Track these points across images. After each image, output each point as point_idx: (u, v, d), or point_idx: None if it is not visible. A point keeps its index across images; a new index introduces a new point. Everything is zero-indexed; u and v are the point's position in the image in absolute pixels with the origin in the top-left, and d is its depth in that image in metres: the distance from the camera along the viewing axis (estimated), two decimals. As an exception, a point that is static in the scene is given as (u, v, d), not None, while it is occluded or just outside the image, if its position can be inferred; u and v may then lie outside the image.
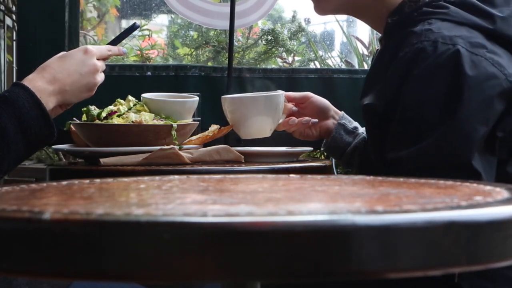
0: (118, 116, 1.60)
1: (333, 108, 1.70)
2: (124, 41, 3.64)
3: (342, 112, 1.70)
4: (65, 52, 1.46)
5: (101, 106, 1.61)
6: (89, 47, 1.45)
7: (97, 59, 1.45)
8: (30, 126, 1.28)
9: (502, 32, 1.31)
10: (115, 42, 1.60)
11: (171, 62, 3.20)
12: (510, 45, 1.31)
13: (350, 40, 3.24)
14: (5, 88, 3.58)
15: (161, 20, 3.84)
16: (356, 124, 1.70)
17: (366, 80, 1.46)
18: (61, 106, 1.43)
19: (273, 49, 3.01)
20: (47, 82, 1.35)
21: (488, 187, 0.76)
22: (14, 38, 3.50)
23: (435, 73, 1.24)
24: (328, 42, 3.57)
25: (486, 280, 1.26)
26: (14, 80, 3.37)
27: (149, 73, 2.33)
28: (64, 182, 0.88)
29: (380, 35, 1.50)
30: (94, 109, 1.59)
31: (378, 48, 1.54)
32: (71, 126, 1.63)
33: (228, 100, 1.66)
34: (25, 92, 1.30)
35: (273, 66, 3.00)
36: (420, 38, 1.28)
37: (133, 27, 1.67)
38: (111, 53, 1.52)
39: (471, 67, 1.23)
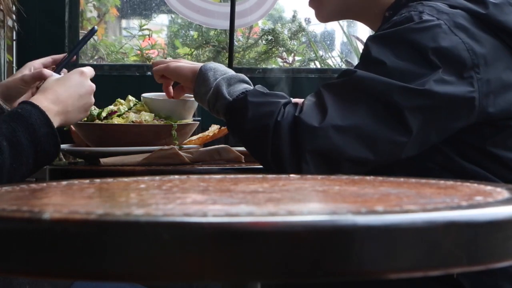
0: (118, 116, 1.60)
1: None
2: (124, 41, 3.61)
3: None
4: (59, 75, 1.48)
5: (101, 106, 1.61)
6: (83, 69, 1.46)
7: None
8: (40, 142, 1.29)
9: (495, 18, 1.31)
10: (75, 51, 1.65)
11: (171, 62, 3.19)
12: (501, 32, 1.31)
13: (350, 40, 3.23)
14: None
15: (161, 20, 3.84)
16: None
17: None
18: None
19: (273, 49, 3.01)
20: (52, 103, 1.36)
21: (488, 187, 0.76)
22: (14, 38, 3.50)
23: (415, 34, 1.27)
24: (328, 42, 3.57)
25: (485, 275, 1.26)
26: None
27: (149, 73, 2.33)
28: (64, 182, 0.88)
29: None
30: (94, 109, 1.59)
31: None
32: (71, 126, 1.62)
33: None
34: (36, 109, 1.31)
35: (273, 66, 3.00)
36: (409, 9, 1.32)
37: (92, 31, 1.68)
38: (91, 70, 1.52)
39: (446, 42, 1.26)
